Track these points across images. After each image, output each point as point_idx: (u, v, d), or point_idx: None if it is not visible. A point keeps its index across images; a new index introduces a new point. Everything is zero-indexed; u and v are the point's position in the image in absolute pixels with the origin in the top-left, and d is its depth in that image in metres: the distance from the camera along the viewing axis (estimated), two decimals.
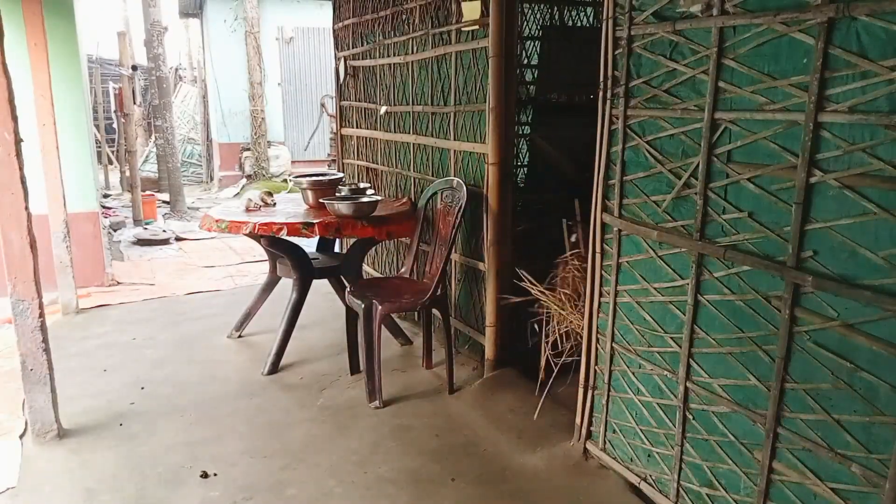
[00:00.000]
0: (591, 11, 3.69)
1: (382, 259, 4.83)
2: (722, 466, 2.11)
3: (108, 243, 5.74)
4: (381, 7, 4.34)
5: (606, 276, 2.56)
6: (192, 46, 16.02)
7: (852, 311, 1.68)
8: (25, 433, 2.99)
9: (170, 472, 2.72)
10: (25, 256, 2.73)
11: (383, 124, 4.52)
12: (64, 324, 4.46)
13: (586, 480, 2.63)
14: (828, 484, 1.78)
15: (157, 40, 9.03)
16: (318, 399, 3.37)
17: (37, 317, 2.80)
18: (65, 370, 3.44)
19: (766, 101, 1.84)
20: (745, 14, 1.87)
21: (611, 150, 2.47)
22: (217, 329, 4.30)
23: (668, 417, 2.33)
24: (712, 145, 2.02)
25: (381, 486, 2.61)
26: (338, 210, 3.47)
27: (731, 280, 2.02)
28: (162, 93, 9.12)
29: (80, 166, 5.07)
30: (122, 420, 3.14)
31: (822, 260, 1.74)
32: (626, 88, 2.35)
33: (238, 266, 6.19)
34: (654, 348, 2.36)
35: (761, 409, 1.95)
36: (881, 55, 1.56)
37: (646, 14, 2.23)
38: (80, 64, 5.07)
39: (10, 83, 2.61)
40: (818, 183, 1.73)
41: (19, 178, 2.67)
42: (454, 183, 3.43)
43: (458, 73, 3.54)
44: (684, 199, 2.16)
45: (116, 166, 11.64)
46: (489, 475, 2.69)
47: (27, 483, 2.65)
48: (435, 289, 3.31)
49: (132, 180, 8.19)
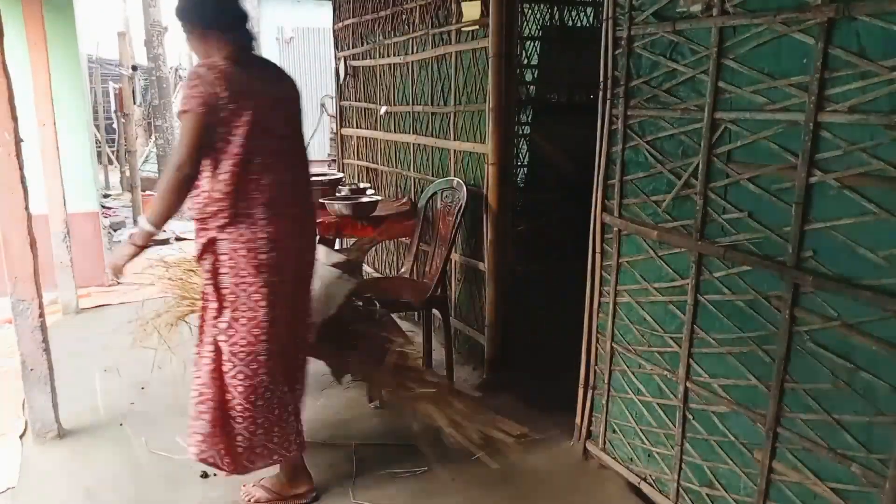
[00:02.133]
0: (591, 11, 3.69)
1: (382, 259, 4.83)
2: (722, 466, 2.11)
3: (108, 243, 5.73)
4: (381, 7, 4.34)
5: (606, 276, 2.56)
6: None
7: (852, 311, 1.68)
8: (25, 433, 2.99)
9: (170, 472, 2.71)
10: (25, 256, 2.73)
11: (383, 124, 4.52)
12: (64, 324, 4.45)
13: (586, 480, 2.63)
14: (828, 484, 1.78)
15: (157, 40, 9.03)
16: (318, 399, 3.36)
17: (37, 317, 2.80)
18: (65, 370, 3.43)
19: (766, 101, 1.84)
20: (745, 14, 1.87)
21: (611, 150, 2.47)
22: None
23: (668, 417, 2.33)
24: (712, 145, 2.02)
25: (381, 486, 2.61)
26: (338, 210, 3.47)
27: (731, 280, 2.02)
28: (162, 93, 9.12)
29: (80, 166, 5.07)
30: (122, 420, 3.13)
31: (822, 260, 1.74)
32: (626, 88, 2.35)
33: None
34: (653, 348, 2.36)
35: (761, 409, 1.95)
36: (881, 55, 1.56)
37: (646, 14, 2.23)
38: (80, 64, 5.07)
39: (10, 83, 2.61)
40: (818, 183, 1.72)
41: (19, 178, 2.67)
42: (454, 183, 3.43)
43: (458, 73, 3.54)
44: (684, 199, 2.16)
45: (116, 166, 11.63)
46: (489, 475, 2.68)
47: (27, 483, 2.65)
48: (435, 289, 3.31)
49: (132, 180, 8.18)
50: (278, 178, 2.19)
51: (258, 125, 2.12)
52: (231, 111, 2.08)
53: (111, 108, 12.45)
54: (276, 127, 2.21)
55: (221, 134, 2.10)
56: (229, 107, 2.07)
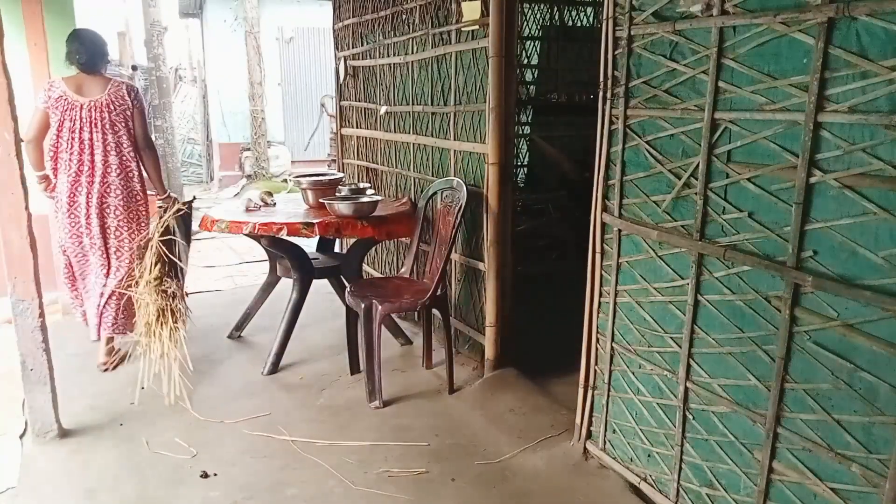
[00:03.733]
0: (591, 11, 3.70)
1: (382, 259, 4.83)
2: (722, 466, 2.11)
3: None
4: (381, 7, 4.34)
5: (606, 275, 2.56)
6: (192, 46, 16.01)
7: (852, 311, 1.68)
8: (25, 433, 2.99)
9: (170, 472, 2.72)
10: (25, 256, 2.73)
11: (383, 124, 4.52)
12: (64, 324, 4.45)
13: (586, 480, 2.63)
14: (828, 484, 1.78)
15: (157, 40, 9.03)
16: (319, 399, 3.37)
17: (37, 317, 2.80)
18: (65, 370, 3.43)
19: (766, 101, 1.84)
20: (745, 14, 1.87)
21: (611, 150, 2.47)
22: (217, 329, 4.30)
23: (668, 417, 2.33)
24: (712, 145, 2.02)
25: (381, 486, 2.61)
26: (338, 210, 3.47)
27: (731, 280, 2.02)
28: (162, 93, 9.12)
29: None
30: (122, 420, 3.13)
31: (822, 260, 1.74)
32: (626, 88, 2.35)
33: (238, 266, 6.19)
34: (653, 348, 2.36)
35: (761, 409, 1.95)
36: (881, 55, 1.56)
37: (646, 14, 2.23)
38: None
39: (10, 83, 2.61)
40: (818, 183, 1.73)
41: (19, 178, 2.67)
42: (454, 183, 3.43)
43: (458, 73, 3.54)
44: (684, 199, 2.16)
45: None
46: (489, 475, 2.69)
47: (27, 483, 2.65)
48: (435, 289, 3.31)
49: None
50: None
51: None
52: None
53: None
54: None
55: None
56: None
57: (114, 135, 3.51)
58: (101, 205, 3.53)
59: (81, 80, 3.52)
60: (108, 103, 3.51)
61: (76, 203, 3.51)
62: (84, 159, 3.48)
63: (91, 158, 3.49)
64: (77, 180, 3.49)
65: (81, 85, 3.51)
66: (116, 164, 3.53)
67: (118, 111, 3.52)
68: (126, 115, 3.55)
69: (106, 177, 3.52)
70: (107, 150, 3.50)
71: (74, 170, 3.47)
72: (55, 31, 4.56)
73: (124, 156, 3.55)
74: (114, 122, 3.51)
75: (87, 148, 3.48)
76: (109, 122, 3.50)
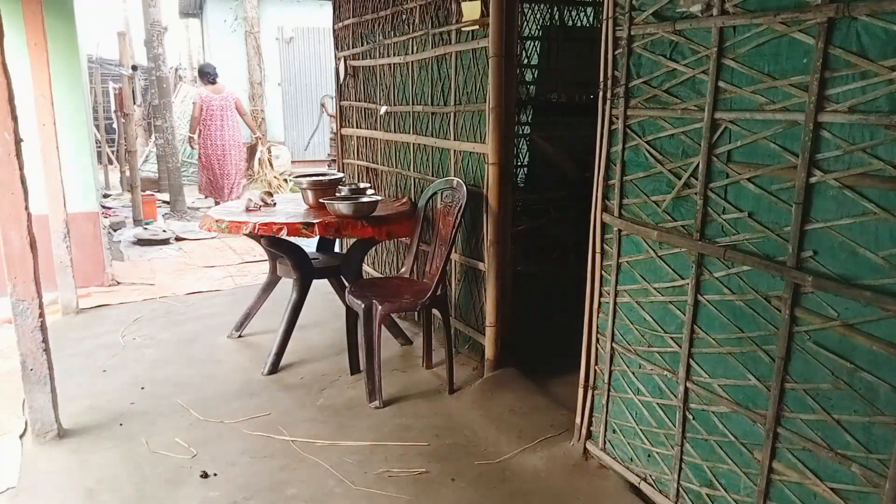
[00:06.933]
0: (591, 11, 3.70)
1: (382, 259, 4.83)
2: (722, 466, 2.12)
3: (108, 243, 5.73)
4: (381, 7, 4.34)
5: (606, 276, 2.56)
6: (192, 46, 16.02)
7: (852, 311, 1.68)
8: (25, 433, 2.99)
9: (170, 472, 2.72)
10: (25, 256, 2.73)
11: (383, 124, 4.52)
12: (64, 324, 4.46)
13: (586, 480, 2.63)
14: (828, 484, 1.78)
15: (157, 40, 9.02)
16: (318, 399, 3.37)
17: (37, 317, 2.80)
18: (65, 370, 3.44)
19: (766, 101, 1.84)
20: (745, 14, 1.87)
21: (611, 150, 2.47)
22: (217, 329, 4.30)
23: (668, 417, 2.33)
24: (712, 145, 2.02)
25: (381, 486, 2.61)
26: (338, 210, 3.47)
27: (731, 280, 2.02)
28: (162, 93, 9.11)
29: (80, 166, 5.06)
30: (122, 420, 3.14)
31: (822, 260, 1.74)
32: (626, 88, 2.35)
33: (238, 266, 6.19)
34: (654, 348, 2.36)
35: (761, 409, 1.95)
36: (881, 55, 1.56)
37: (646, 14, 2.23)
38: (80, 64, 5.06)
39: (10, 83, 2.61)
40: (818, 183, 1.73)
41: (19, 178, 2.67)
42: (454, 183, 3.43)
43: (458, 73, 3.54)
44: (684, 199, 2.16)
45: (116, 166, 11.63)
46: (489, 475, 2.69)
47: (27, 483, 2.65)
48: (435, 289, 3.31)
49: (132, 180, 8.18)
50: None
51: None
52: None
53: (111, 108, 12.46)
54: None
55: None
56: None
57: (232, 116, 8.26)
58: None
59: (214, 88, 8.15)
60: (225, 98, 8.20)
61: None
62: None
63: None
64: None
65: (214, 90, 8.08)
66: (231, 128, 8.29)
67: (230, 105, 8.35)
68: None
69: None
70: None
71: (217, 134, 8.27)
72: (55, 31, 4.57)
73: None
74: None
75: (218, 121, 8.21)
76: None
